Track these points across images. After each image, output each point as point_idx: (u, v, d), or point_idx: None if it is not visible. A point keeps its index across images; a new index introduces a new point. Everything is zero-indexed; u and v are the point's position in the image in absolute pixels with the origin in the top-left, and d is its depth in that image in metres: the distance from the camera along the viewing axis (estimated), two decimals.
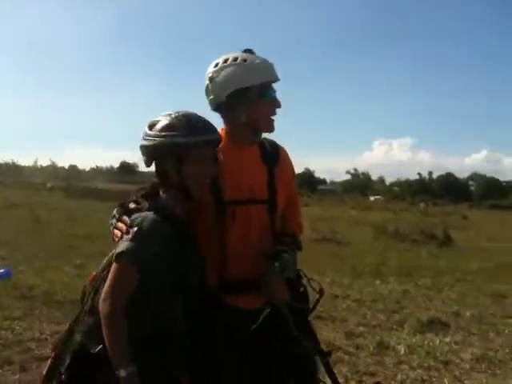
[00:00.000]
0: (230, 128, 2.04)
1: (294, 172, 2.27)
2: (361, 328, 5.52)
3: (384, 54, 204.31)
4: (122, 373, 1.64)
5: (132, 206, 1.87)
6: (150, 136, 1.83)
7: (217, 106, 2.01)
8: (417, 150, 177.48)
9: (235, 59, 1.96)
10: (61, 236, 10.49)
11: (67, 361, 1.77)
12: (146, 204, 1.82)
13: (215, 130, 1.88)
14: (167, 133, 1.79)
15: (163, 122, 1.83)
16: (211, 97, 1.99)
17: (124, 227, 1.77)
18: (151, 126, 1.85)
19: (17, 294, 6.01)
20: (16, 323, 4.97)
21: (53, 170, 74.18)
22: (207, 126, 1.85)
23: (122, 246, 1.74)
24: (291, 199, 2.20)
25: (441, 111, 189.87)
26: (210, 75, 1.98)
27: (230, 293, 2.00)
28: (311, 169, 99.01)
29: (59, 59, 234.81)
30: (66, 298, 5.71)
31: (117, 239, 1.79)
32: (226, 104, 1.97)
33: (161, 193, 1.88)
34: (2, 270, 6.70)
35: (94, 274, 1.90)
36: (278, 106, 2.03)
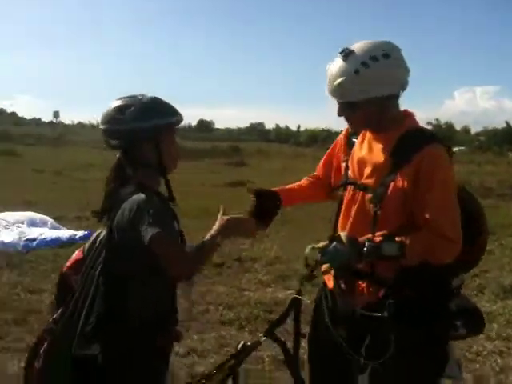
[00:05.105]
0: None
1: (433, 186, 1.87)
2: None
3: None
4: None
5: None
6: (124, 120, 1.82)
7: None
8: (500, 98, 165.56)
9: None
10: None
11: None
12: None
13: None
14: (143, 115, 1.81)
15: (135, 105, 1.83)
16: None
17: None
18: (121, 109, 1.84)
19: None
20: None
21: None
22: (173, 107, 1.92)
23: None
24: (423, 221, 1.89)
25: None
26: None
27: None
28: None
29: None
30: None
31: None
32: None
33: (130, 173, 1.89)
34: (86, 232, 7.08)
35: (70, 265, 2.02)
36: None
